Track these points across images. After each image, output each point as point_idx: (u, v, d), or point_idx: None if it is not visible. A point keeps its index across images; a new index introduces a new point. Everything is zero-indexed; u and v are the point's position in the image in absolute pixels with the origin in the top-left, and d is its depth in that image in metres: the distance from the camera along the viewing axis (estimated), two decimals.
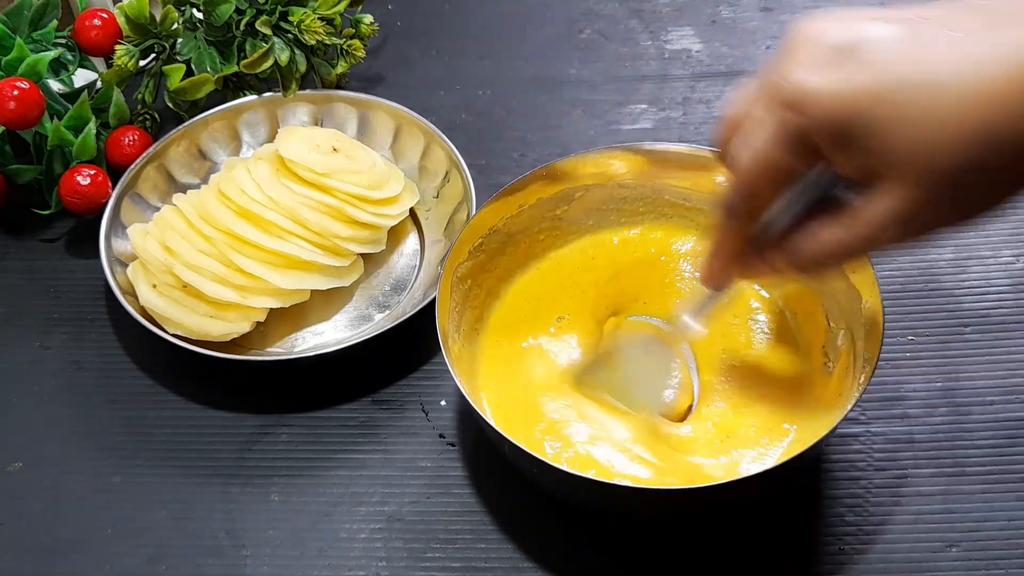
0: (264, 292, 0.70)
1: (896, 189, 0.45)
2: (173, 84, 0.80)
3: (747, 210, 0.51)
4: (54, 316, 0.75)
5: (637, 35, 0.91)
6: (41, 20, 0.80)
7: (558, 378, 0.65)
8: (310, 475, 0.66)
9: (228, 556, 0.63)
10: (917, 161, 0.44)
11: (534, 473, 0.60)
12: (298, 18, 0.79)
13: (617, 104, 0.86)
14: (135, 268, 0.72)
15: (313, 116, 0.82)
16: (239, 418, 0.69)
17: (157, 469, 0.67)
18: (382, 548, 0.63)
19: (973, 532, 0.61)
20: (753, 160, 0.48)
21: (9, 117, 0.74)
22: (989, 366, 0.68)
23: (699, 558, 0.61)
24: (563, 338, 0.67)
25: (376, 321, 0.73)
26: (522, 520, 0.63)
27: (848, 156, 0.46)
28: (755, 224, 0.52)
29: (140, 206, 0.77)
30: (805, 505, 0.63)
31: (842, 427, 0.57)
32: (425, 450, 0.67)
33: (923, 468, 0.64)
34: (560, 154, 0.70)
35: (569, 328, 0.68)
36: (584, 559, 0.62)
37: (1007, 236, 0.74)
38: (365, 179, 0.73)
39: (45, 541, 0.64)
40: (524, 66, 0.90)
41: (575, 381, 0.65)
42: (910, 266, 0.73)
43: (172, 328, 0.70)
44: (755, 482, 0.57)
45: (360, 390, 0.70)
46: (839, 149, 0.45)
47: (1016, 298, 0.71)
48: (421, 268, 0.76)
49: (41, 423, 0.70)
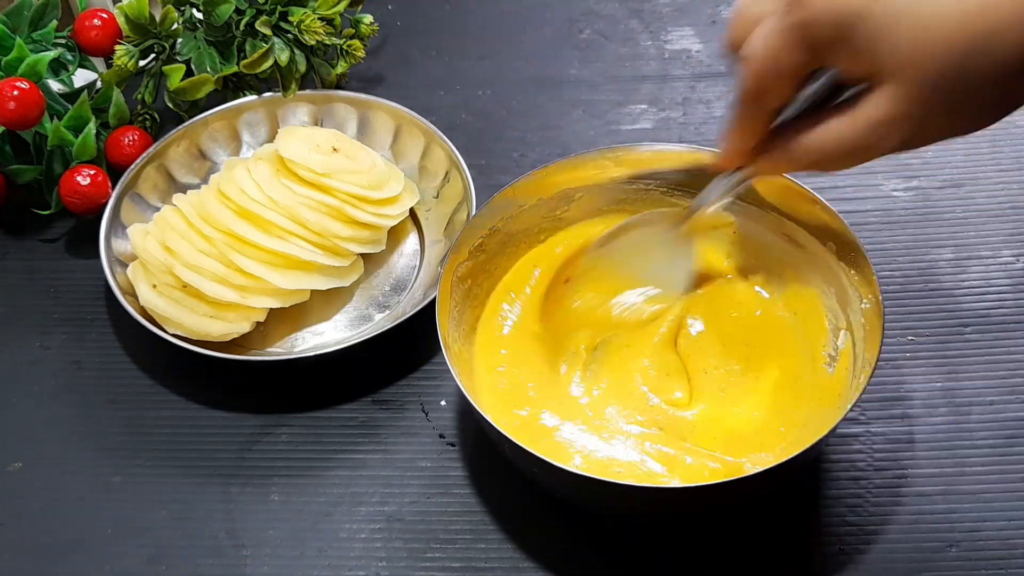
0: (264, 292, 0.70)
1: (893, 90, 0.47)
2: (173, 84, 0.80)
3: (757, 101, 0.52)
4: (54, 316, 0.75)
5: (637, 35, 0.92)
6: (41, 20, 0.80)
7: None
8: (310, 475, 0.66)
9: (228, 556, 0.63)
10: (914, 63, 0.46)
11: (534, 473, 0.60)
12: (298, 18, 0.79)
13: (617, 104, 0.86)
14: (135, 268, 0.72)
15: (313, 116, 0.82)
16: (239, 418, 0.69)
17: (157, 469, 0.67)
18: (382, 548, 0.63)
19: (973, 532, 0.61)
20: (763, 54, 0.50)
21: (9, 117, 0.74)
22: (989, 366, 0.68)
23: (699, 558, 0.61)
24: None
25: (376, 321, 0.73)
26: (522, 520, 0.63)
27: (849, 55, 0.47)
28: (766, 114, 0.53)
29: (140, 206, 0.77)
30: (805, 505, 0.63)
31: (842, 427, 0.57)
32: (425, 450, 0.67)
33: (923, 468, 0.64)
34: (560, 154, 0.70)
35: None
36: (584, 559, 0.62)
37: (1007, 236, 0.74)
38: (365, 179, 0.73)
39: (45, 541, 0.64)
40: (524, 66, 0.90)
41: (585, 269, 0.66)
42: (910, 266, 0.73)
43: (172, 328, 0.70)
44: (755, 482, 0.57)
45: (360, 390, 0.70)
46: (840, 47, 0.47)
47: (1016, 298, 0.71)
48: (421, 268, 0.76)
49: (41, 423, 0.70)
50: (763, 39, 0.49)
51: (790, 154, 0.53)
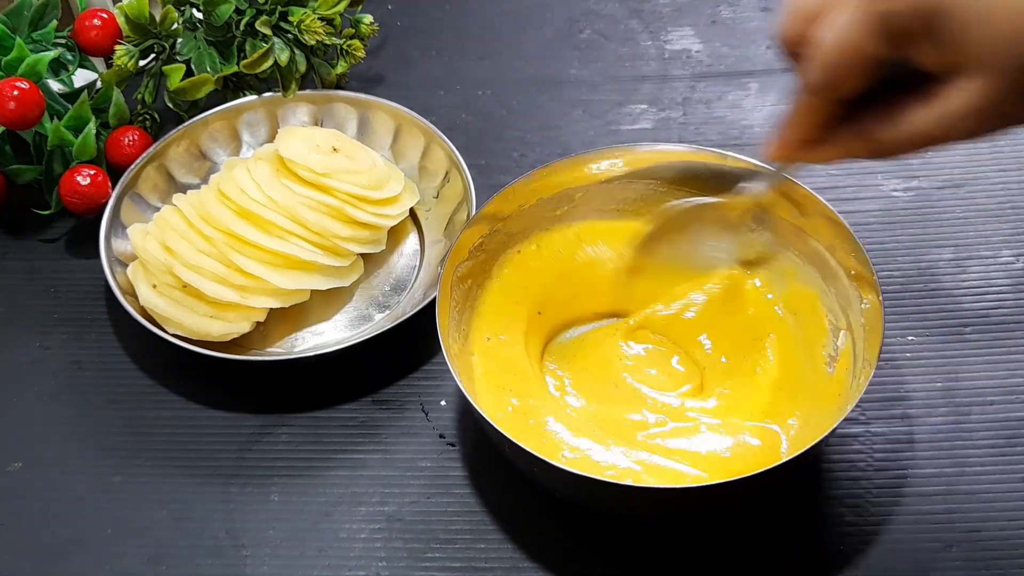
0: (264, 292, 0.70)
1: (980, 81, 0.46)
2: (173, 84, 0.80)
3: (825, 92, 0.51)
4: (54, 316, 0.75)
5: (637, 35, 0.91)
6: (41, 20, 0.80)
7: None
8: (310, 475, 0.66)
9: (228, 556, 0.63)
10: (998, 54, 0.45)
11: (534, 473, 0.60)
12: (298, 18, 0.79)
13: (617, 104, 0.86)
14: (135, 268, 0.72)
15: (313, 116, 0.82)
16: (239, 418, 0.69)
17: (157, 469, 0.67)
18: (382, 548, 0.63)
19: (973, 532, 0.61)
20: (838, 45, 0.48)
21: (9, 117, 0.74)
22: (989, 366, 0.68)
23: (699, 558, 0.61)
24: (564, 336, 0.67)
25: (376, 321, 0.73)
26: (522, 520, 0.63)
27: (930, 45, 0.46)
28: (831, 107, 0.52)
29: (140, 206, 0.77)
30: (805, 505, 0.63)
31: (842, 427, 0.57)
32: (425, 450, 0.67)
33: (923, 468, 0.64)
34: (560, 154, 0.70)
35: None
36: (584, 559, 0.62)
37: (1007, 236, 0.74)
38: (365, 179, 0.73)
39: (45, 541, 0.64)
40: (524, 66, 0.90)
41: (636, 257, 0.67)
42: (910, 266, 0.73)
43: (172, 328, 0.70)
44: (755, 482, 0.57)
45: (360, 390, 0.70)
46: (923, 38, 0.46)
47: (1016, 298, 0.71)
48: (421, 268, 0.76)
49: (41, 423, 0.70)
50: (838, 29, 0.48)
51: (866, 143, 0.51)
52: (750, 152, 0.66)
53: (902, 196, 0.77)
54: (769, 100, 0.85)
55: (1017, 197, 0.77)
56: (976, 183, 0.77)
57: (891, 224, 0.76)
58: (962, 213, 0.76)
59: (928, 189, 0.77)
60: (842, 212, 0.64)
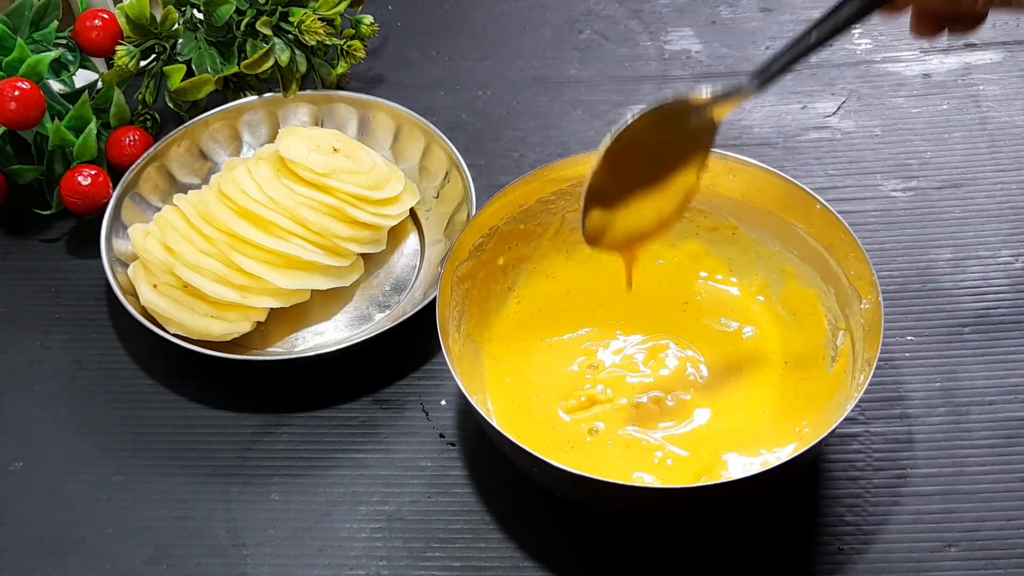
0: (264, 292, 0.70)
1: None
2: (174, 84, 0.80)
3: None
4: (55, 316, 0.75)
5: (637, 35, 0.92)
6: (42, 21, 0.80)
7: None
8: (310, 475, 0.66)
9: (228, 555, 0.63)
10: None
11: (534, 473, 0.60)
12: (298, 18, 0.79)
13: (617, 104, 0.86)
14: (136, 268, 0.72)
15: (313, 116, 0.82)
16: (239, 418, 0.69)
17: (158, 469, 0.67)
18: (382, 548, 0.63)
19: (972, 532, 0.61)
20: None
21: (10, 117, 0.74)
22: (988, 366, 0.68)
23: (699, 558, 0.61)
24: (564, 337, 0.67)
25: (376, 321, 0.73)
26: (522, 520, 0.63)
27: None
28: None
29: (141, 206, 0.77)
30: (805, 505, 0.63)
31: (842, 427, 0.57)
32: (425, 450, 0.67)
33: (922, 468, 0.64)
34: (560, 154, 0.70)
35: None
36: (584, 559, 0.62)
37: (1006, 236, 0.74)
38: (365, 179, 0.74)
39: (46, 540, 0.64)
40: (524, 66, 0.90)
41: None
42: (910, 266, 0.73)
43: (173, 328, 0.70)
44: (755, 482, 0.57)
45: (360, 390, 0.70)
46: None
47: (1015, 298, 0.71)
48: (421, 268, 0.76)
49: (42, 423, 0.70)
50: None
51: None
52: (750, 152, 0.66)
53: (901, 196, 0.77)
54: (769, 100, 0.85)
55: (1016, 197, 0.77)
56: (975, 183, 0.78)
57: (890, 224, 0.76)
58: (961, 213, 0.76)
59: (927, 189, 0.78)
60: (842, 212, 0.64)
